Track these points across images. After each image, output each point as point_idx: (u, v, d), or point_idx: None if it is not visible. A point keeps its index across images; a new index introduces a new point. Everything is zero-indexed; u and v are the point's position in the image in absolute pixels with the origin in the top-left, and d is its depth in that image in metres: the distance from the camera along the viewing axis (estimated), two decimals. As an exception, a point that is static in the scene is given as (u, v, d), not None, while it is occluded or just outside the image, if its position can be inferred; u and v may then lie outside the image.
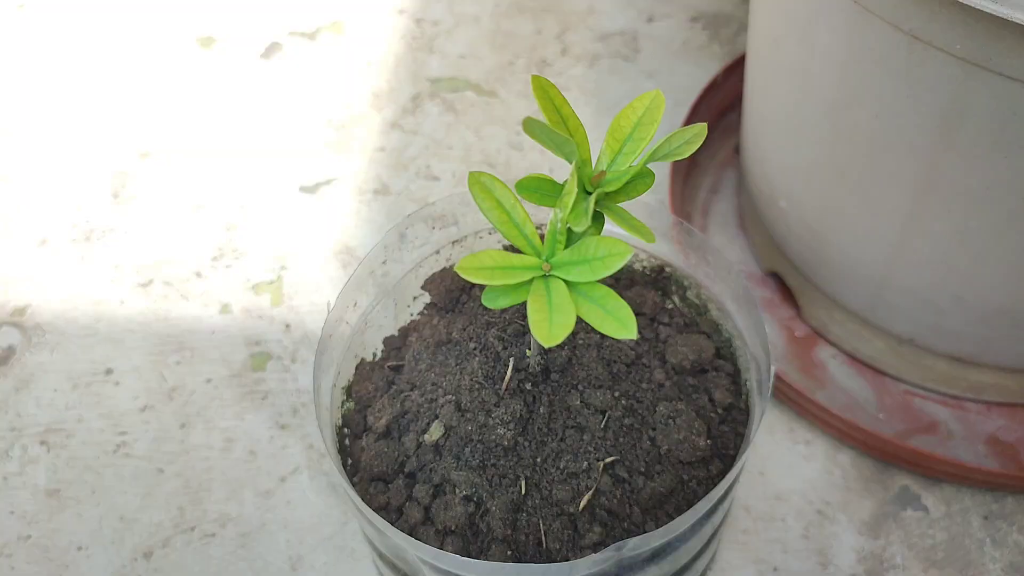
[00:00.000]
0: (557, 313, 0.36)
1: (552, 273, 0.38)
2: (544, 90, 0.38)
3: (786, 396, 0.66)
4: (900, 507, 0.63)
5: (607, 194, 0.38)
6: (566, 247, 0.38)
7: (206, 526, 0.63)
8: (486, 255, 0.37)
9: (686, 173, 0.77)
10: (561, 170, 0.82)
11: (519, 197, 0.39)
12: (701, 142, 0.37)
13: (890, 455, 0.64)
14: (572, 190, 0.36)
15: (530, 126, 0.35)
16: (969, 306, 0.58)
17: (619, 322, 0.36)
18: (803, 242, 0.65)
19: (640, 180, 0.38)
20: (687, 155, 0.37)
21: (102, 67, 0.91)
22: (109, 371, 0.71)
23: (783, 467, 0.65)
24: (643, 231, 0.37)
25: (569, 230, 0.38)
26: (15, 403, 0.69)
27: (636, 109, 0.38)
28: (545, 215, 0.54)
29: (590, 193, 0.37)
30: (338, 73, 0.89)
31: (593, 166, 0.39)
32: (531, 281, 0.38)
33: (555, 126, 0.38)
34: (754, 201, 0.71)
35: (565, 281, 0.37)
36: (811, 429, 0.66)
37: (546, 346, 0.35)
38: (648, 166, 0.39)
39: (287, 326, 0.73)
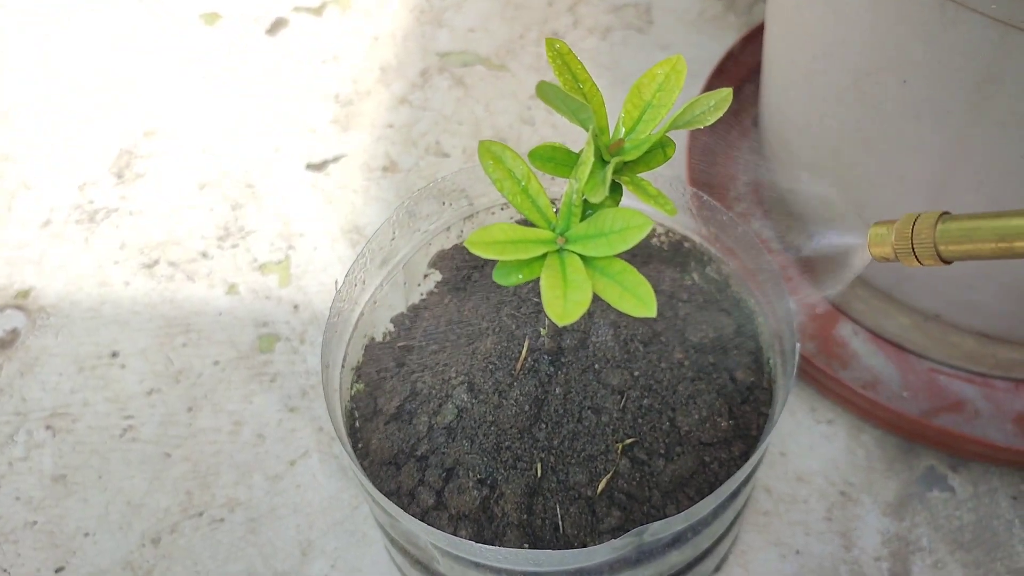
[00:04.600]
0: (572, 290, 0.34)
1: (567, 247, 0.36)
2: (559, 54, 0.36)
3: (807, 374, 0.64)
4: (926, 488, 0.61)
5: (625, 164, 0.36)
6: (582, 220, 0.36)
7: (214, 511, 0.62)
8: (497, 228, 0.35)
9: (703, 145, 0.74)
10: (575, 145, 0.80)
11: (532, 167, 0.37)
12: (726, 108, 0.35)
13: (915, 434, 0.62)
14: (588, 159, 0.34)
15: (544, 90, 0.34)
16: (1000, 281, 0.56)
17: (638, 299, 0.34)
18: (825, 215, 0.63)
19: (660, 150, 0.36)
20: (710, 122, 0.35)
21: (105, 46, 0.89)
22: (115, 354, 0.70)
23: (805, 447, 0.63)
24: (663, 202, 0.35)
25: (585, 202, 0.36)
26: (20, 387, 0.68)
27: (656, 76, 0.36)
28: (559, 189, 0.53)
29: (607, 163, 0.36)
30: (345, 48, 0.87)
31: (611, 135, 0.37)
32: (545, 256, 0.36)
33: (571, 92, 0.36)
34: (773, 174, 0.69)
35: (581, 256, 0.35)
36: (833, 408, 0.64)
37: (560, 324, 0.33)
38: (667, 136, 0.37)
39: (295, 307, 0.71)
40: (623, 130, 0.37)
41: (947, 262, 0.37)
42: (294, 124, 0.82)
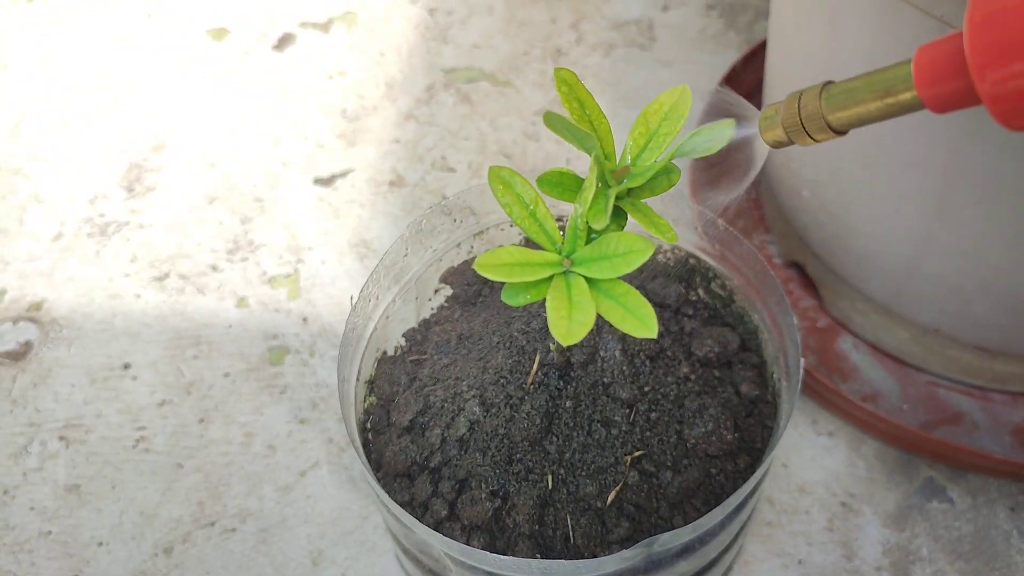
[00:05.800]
0: (577, 311, 0.35)
1: (572, 269, 0.37)
2: (567, 83, 0.37)
3: (808, 387, 0.65)
4: (925, 499, 0.62)
5: (631, 190, 0.37)
6: (587, 243, 0.37)
7: (226, 521, 0.63)
8: (505, 251, 0.36)
9: (705, 162, 0.76)
10: (580, 161, 0.81)
11: (540, 192, 0.38)
12: (727, 140, 0.36)
13: (914, 446, 0.63)
14: (591, 185, 0.35)
15: (550, 120, 0.35)
16: (997, 294, 0.57)
17: (640, 320, 0.35)
18: (826, 231, 0.64)
19: (665, 176, 0.38)
20: (713, 152, 0.36)
21: (115, 60, 0.90)
22: (126, 366, 0.71)
23: (806, 459, 0.64)
24: (665, 230, 0.36)
25: (590, 226, 0.37)
26: (33, 398, 0.69)
27: (663, 104, 0.37)
28: (565, 208, 0.54)
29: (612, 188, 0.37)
30: (351, 64, 0.89)
31: (617, 160, 0.38)
32: (551, 278, 0.37)
33: (578, 120, 0.37)
34: (775, 190, 0.70)
35: (585, 278, 0.37)
36: (834, 420, 0.65)
37: (564, 344, 0.34)
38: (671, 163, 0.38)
39: (304, 319, 0.72)
40: (629, 158, 0.38)
41: (840, 132, 0.36)
42: (301, 139, 0.83)
